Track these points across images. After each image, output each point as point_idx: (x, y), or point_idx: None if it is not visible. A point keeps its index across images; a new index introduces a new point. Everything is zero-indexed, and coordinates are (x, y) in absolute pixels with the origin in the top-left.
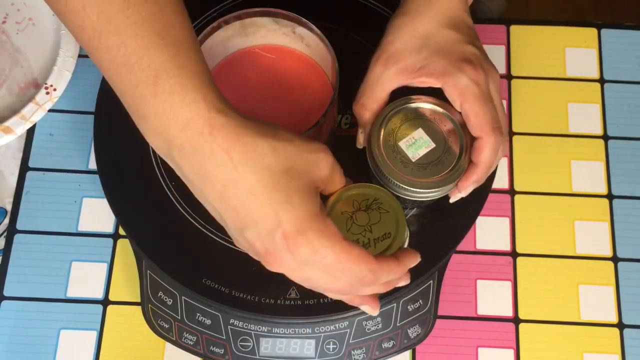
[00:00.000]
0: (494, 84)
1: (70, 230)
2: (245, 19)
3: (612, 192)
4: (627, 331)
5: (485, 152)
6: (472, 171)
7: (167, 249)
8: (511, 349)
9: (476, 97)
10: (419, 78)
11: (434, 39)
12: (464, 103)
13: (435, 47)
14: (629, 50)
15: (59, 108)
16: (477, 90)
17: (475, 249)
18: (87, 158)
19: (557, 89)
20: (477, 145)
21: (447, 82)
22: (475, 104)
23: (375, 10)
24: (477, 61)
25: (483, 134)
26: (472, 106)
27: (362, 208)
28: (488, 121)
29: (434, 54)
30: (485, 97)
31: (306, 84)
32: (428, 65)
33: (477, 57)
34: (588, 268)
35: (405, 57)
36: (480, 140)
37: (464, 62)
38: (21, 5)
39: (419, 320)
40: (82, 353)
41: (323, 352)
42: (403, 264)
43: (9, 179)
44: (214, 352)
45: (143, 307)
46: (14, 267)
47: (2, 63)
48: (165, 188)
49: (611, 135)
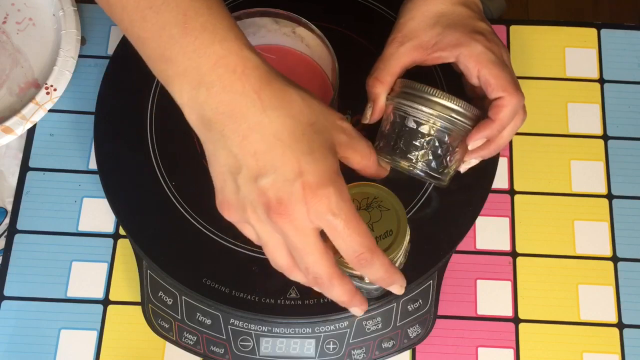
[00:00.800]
0: (506, 55)
1: (70, 230)
2: (245, 19)
3: (612, 192)
4: (627, 331)
5: (505, 111)
6: (487, 125)
7: (167, 249)
8: (511, 349)
9: (493, 62)
10: (434, 54)
11: (446, 16)
12: (482, 69)
13: (448, 23)
14: (628, 50)
15: (59, 108)
16: (493, 56)
17: (475, 249)
18: (87, 158)
19: (557, 89)
20: (498, 103)
21: (462, 53)
22: (494, 68)
23: (375, 10)
24: (489, 35)
25: (506, 93)
26: (490, 70)
27: (363, 207)
28: (509, 82)
29: (447, 29)
30: (501, 62)
31: (306, 84)
32: (442, 39)
33: (488, 32)
34: (588, 268)
35: (419, 35)
36: (502, 99)
37: (476, 34)
38: (21, 5)
39: (419, 320)
40: (82, 353)
41: (323, 352)
42: (394, 270)
43: (9, 179)
44: (214, 352)
45: (143, 307)
46: (14, 267)
47: (3, 63)
48: (165, 188)
49: (611, 135)
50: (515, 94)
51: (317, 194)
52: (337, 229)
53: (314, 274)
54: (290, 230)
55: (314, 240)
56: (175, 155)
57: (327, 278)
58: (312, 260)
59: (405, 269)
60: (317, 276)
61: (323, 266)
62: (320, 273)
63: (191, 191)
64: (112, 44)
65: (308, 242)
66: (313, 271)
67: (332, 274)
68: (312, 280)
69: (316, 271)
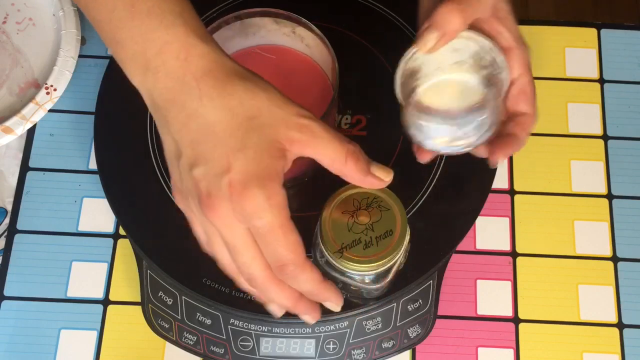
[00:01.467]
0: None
1: (70, 230)
2: (245, 19)
3: (612, 192)
4: (627, 331)
5: (530, 128)
6: (514, 143)
7: (167, 249)
8: (511, 349)
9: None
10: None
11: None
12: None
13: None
14: (628, 50)
15: (59, 108)
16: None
17: (475, 249)
18: (87, 158)
19: (556, 89)
20: (524, 120)
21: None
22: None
23: (375, 11)
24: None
25: (533, 110)
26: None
27: (363, 207)
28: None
29: None
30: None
31: (306, 84)
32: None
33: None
34: (588, 268)
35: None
36: (527, 117)
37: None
38: (21, 5)
39: (419, 320)
40: (82, 353)
41: (323, 351)
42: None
43: (9, 179)
44: (214, 352)
45: (143, 307)
46: (14, 267)
47: (3, 63)
48: (165, 188)
49: (611, 135)
50: (536, 115)
51: (243, 194)
52: (260, 234)
53: (247, 275)
54: (221, 227)
55: (245, 239)
56: None
57: (260, 280)
58: (243, 261)
59: (405, 269)
60: (251, 277)
61: (256, 267)
62: (253, 274)
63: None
64: None
65: (238, 240)
66: (246, 272)
67: (266, 277)
68: (248, 282)
69: (250, 272)
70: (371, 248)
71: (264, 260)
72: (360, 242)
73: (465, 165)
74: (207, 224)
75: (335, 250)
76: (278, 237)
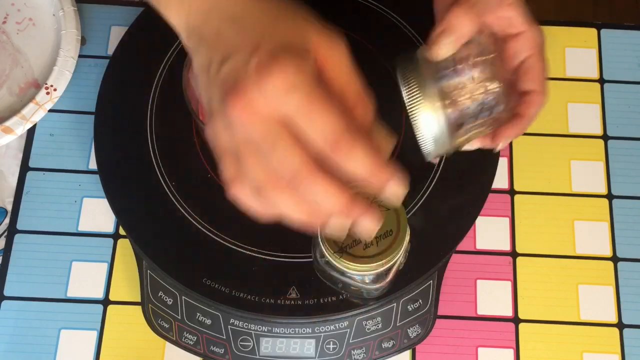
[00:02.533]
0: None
1: (70, 230)
2: None
3: (612, 192)
4: (627, 331)
5: (537, 105)
6: (517, 123)
7: (167, 249)
8: (511, 349)
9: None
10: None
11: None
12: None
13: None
14: (628, 50)
15: (59, 108)
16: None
17: (475, 249)
18: (87, 158)
19: (556, 89)
20: (531, 99)
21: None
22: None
23: (376, 11)
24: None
25: (542, 88)
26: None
27: None
28: (545, 78)
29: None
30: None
31: None
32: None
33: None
34: (588, 268)
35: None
36: (534, 95)
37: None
38: (21, 5)
39: (419, 320)
40: (82, 353)
41: (323, 352)
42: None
43: (9, 179)
44: (214, 352)
45: (143, 307)
46: (14, 267)
47: (3, 63)
48: (165, 188)
49: (611, 135)
50: (545, 92)
51: (271, 68)
52: (299, 110)
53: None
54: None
55: (278, 130)
56: (175, 156)
57: (306, 171)
58: (280, 155)
59: (405, 269)
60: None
61: (296, 158)
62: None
63: (191, 191)
64: (112, 44)
65: (270, 133)
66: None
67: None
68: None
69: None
70: (371, 248)
71: (305, 151)
72: (360, 242)
73: (465, 165)
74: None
75: (335, 250)
76: (320, 106)
